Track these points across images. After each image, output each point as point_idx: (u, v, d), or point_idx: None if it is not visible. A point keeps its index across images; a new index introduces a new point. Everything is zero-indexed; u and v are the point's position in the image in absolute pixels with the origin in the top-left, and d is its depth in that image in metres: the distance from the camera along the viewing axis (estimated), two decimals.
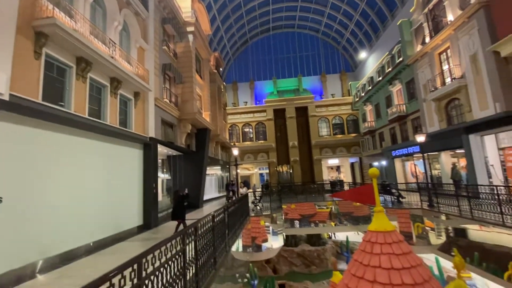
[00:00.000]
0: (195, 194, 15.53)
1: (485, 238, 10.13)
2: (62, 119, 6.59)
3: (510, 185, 10.68)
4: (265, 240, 15.60)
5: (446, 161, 16.19)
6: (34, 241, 5.63)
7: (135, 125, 10.32)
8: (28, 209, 5.60)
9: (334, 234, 20.08)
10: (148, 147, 10.76)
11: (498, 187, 8.75)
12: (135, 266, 2.15)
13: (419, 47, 16.98)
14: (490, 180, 12.07)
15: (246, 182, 18.79)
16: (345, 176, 32.01)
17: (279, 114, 31.49)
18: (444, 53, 14.96)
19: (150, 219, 10.19)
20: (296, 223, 17.44)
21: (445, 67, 14.90)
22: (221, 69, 27.32)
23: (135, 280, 2.14)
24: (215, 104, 22.35)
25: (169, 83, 14.53)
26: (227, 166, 28.04)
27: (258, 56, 36.50)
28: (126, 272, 2.01)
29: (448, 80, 14.58)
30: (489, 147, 12.45)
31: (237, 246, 13.87)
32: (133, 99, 10.38)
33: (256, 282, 13.54)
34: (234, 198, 15.70)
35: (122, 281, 1.96)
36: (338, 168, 33.40)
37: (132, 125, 10.19)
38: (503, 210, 8.07)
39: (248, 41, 36.31)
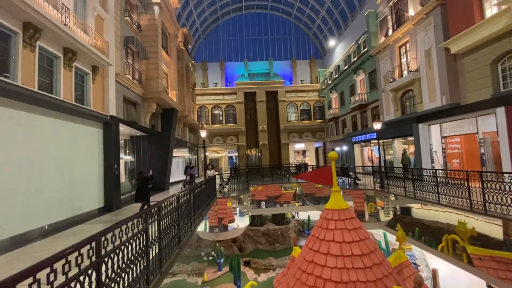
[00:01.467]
0: (161, 176, 15.18)
1: (424, 215, 11.61)
2: (7, 91, 5.88)
3: (448, 169, 12.21)
4: (232, 221, 16.04)
5: (398, 147, 17.83)
6: None
7: (93, 102, 9.58)
8: None
9: (297, 213, 21.33)
10: (109, 126, 10.13)
11: (438, 171, 9.99)
12: (93, 244, 2.14)
13: (382, 39, 17.90)
14: (433, 165, 13.66)
15: (212, 165, 18.51)
16: (310, 160, 33.60)
17: (250, 97, 31.38)
18: (404, 47, 16.00)
19: (112, 201, 9.82)
20: (263, 204, 18.12)
21: (404, 60, 16.00)
22: (190, 46, 26.01)
23: (94, 258, 2.14)
24: (183, 84, 21.43)
25: (132, 58, 13.54)
26: (195, 149, 27.58)
27: (229, 36, 35.32)
28: (84, 250, 2.01)
29: (405, 72, 15.74)
30: (434, 136, 13.98)
31: (204, 226, 14.09)
32: (91, 74, 9.55)
33: (222, 260, 14.03)
34: (192, 183, 15.40)
35: (80, 258, 1.95)
36: (304, 152, 34.87)
37: (90, 102, 9.44)
38: (440, 191, 9.28)
39: (219, 18, 34.80)
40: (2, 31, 6.23)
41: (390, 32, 16.92)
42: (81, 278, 1.95)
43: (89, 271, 2.06)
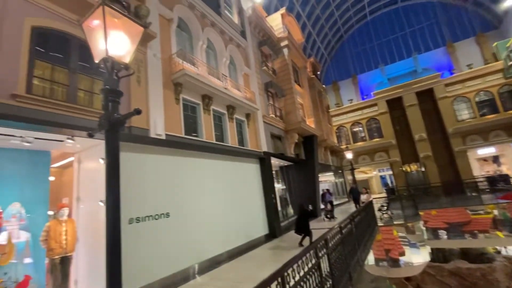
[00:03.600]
0: (311, 203, 15.35)
1: None
2: (198, 147, 8.13)
3: None
4: (402, 254, 13.31)
5: None
6: (192, 248, 7.01)
7: (250, 143, 11.45)
8: (185, 221, 7.08)
9: (505, 248, 14.79)
10: (263, 161, 11.64)
11: None
12: (279, 280, 2.19)
13: None
14: None
15: (355, 189, 14.49)
16: (510, 168, 23.44)
17: (395, 104, 27.19)
18: None
19: (274, 228, 10.79)
20: (441, 233, 14.06)
21: None
22: (318, 72, 26.77)
23: None
24: (317, 109, 21.89)
25: (272, 98, 15.45)
26: (340, 171, 26.48)
27: (356, 48, 33.54)
28: (273, 285, 2.08)
29: None
30: None
31: (369, 259, 12.49)
32: (246, 120, 11.61)
33: None
34: (332, 212, 14.23)
35: None
36: (496, 159, 24.98)
37: (248, 143, 11.35)
38: None
39: (343, 36, 34.17)
40: (192, 106, 8.87)
41: None
42: None
43: None
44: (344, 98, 32.27)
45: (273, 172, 13.69)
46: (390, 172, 27.40)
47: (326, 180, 22.62)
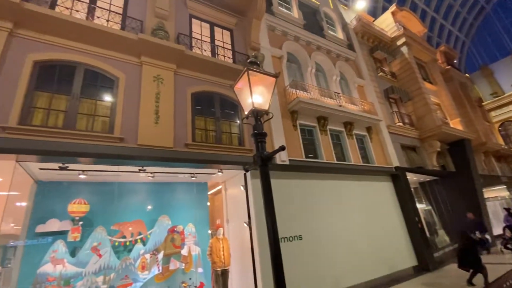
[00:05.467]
0: (477, 227, 11.60)
1: None
2: (320, 168, 8.15)
3: None
4: None
5: None
6: (326, 274, 6.80)
7: (376, 158, 10.33)
8: (318, 245, 7.04)
9: None
10: (396, 177, 10.13)
11: None
12: None
13: None
14: None
15: None
16: None
17: None
18: None
19: (425, 260, 8.88)
20: None
21: None
22: (455, 61, 21.46)
23: None
24: (463, 106, 17.25)
25: (396, 105, 13.58)
26: None
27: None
28: None
29: None
30: None
31: None
32: (367, 134, 10.68)
33: None
34: None
35: None
36: None
37: (374, 159, 10.27)
38: None
39: (484, 7, 26.41)
40: (309, 129, 9.12)
41: None
42: None
43: None
44: (504, 84, 23.94)
45: (412, 189, 11.60)
46: None
47: (496, 196, 16.83)
